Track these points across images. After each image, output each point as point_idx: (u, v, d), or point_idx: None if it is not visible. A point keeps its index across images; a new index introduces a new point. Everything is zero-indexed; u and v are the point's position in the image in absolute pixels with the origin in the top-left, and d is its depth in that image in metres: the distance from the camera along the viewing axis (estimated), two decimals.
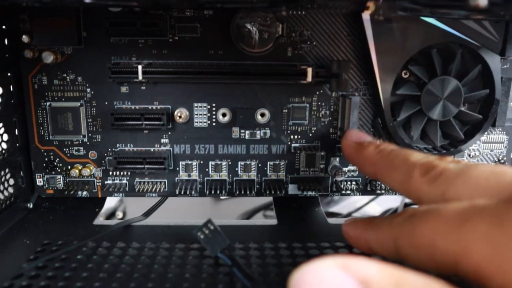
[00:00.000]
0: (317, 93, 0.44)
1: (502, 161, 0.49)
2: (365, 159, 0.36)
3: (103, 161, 0.45)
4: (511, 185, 0.24)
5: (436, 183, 0.27)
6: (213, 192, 0.45)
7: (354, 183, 0.47)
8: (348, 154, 0.39)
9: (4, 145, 0.41)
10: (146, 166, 0.44)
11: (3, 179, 0.41)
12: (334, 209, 0.66)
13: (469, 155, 0.48)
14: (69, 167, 0.45)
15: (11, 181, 0.43)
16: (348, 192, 0.47)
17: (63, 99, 0.43)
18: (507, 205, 0.19)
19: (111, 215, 0.65)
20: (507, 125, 0.46)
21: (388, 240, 0.26)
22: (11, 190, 0.42)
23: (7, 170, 0.42)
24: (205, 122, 0.44)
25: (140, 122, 0.42)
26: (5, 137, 0.41)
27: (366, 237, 0.29)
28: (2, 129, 0.41)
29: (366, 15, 0.41)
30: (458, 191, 0.25)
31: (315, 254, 0.37)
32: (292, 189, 0.47)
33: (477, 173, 0.25)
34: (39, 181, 0.46)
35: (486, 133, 0.47)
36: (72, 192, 0.45)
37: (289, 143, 0.46)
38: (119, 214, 0.65)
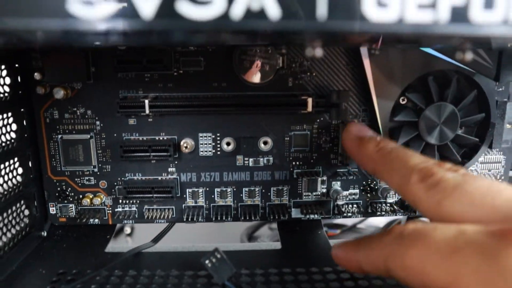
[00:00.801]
0: (318, 120, 0.46)
1: (500, 180, 0.50)
2: (365, 155, 0.36)
3: (113, 190, 0.47)
4: (503, 206, 0.24)
5: (433, 192, 0.27)
6: (219, 218, 0.47)
7: (355, 206, 0.49)
8: (349, 148, 0.39)
9: (19, 178, 0.43)
10: (155, 195, 0.45)
11: (18, 210, 0.43)
12: (338, 220, 0.67)
13: None
14: (81, 196, 0.47)
15: (26, 212, 0.45)
16: (350, 214, 0.48)
17: (74, 132, 0.45)
18: (498, 237, 0.20)
19: (119, 230, 0.66)
20: (503, 147, 0.48)
21: (379, 260, 0.26)
22: (26, 220, 0.44)
23: (22, 202, 0.44)
24: (210, 151, 0.46)
25: (148, 154, 0.44)
26: (20, 170, 0.43)
27: (356, 258, 0.29)
28: (17, 163, 0.43)
29: (363, 48, 0.42)
30: (453, 205, 0.26)
31: (318, 280, 0.38)
32: (295, 213, 0.48)
33: (474, 188, 0.26)
34: (52, 210, 0.48)
35: (483, 154, 0.48)
36: (84, 220, 0.47)
37: (291, 169, 0.47)
38: (127, 230, 0.67)
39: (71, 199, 0.47)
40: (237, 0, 0.17)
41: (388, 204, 0.49)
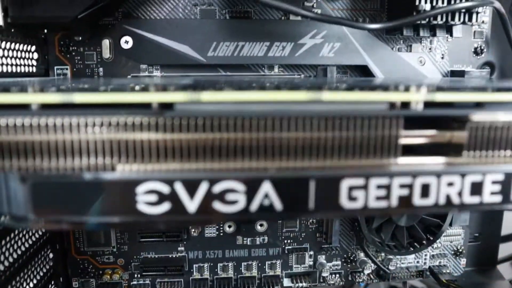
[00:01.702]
0: None
1: (460, 250, 0.59)
2: None
3: (129, 266, 0.54)
4: None
5: None
6: None
7: (337, 275, 0.57)
8: None
9: (50, 263, 0.50)
10: (167, 272, 0.53)
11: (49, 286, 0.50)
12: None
13: (432, 247, 0.58)
14: (101, 272, 0.54)
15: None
16: (332, 282, 0.57)
17: None
18: None
19: None
20: (462, 224, 0.56)
21: None
22: None
23: (52, 282, 0.51)
24: (214, 233, 0.54)
25: (161, 239, 0.52)
26: (51, 255, 0.51)
27: None
28: (49, 249, 0.50)
29: None
30: None
31: None
32: (286, 282, 0.56)
33: None
34: (75, 284, 0.55)
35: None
36: None
37: (283, 246, 0.55)
38: None
39: (92, 275, 0.55)
40: (253, 199, 0.25)
41: (366, 274, 0.57)
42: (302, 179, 0.26)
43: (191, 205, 0.26)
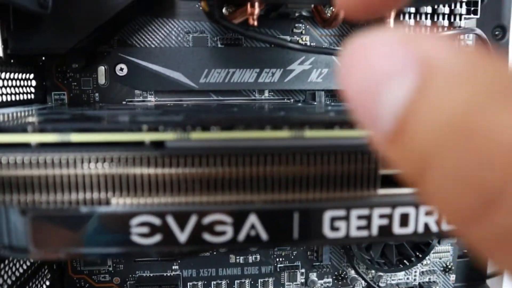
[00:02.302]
0: None
1: (449, 266, 0.61)
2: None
3: (125, 285, 0.56)
4: None
5: None
6: None
7: None
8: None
9: (48, 282, 0.51)
10: None
11: None
12: None
13: (421, 264, 0.60)
14: None
15: None
16: None
17: None
18: None
19: None
20: (450, 241, 0.58)
21: None
22: None
23: None
24: (208, 251, 0.55)
25: (156, 258, 0.53)
26: (48, 275, 0.52)
27: None
28: (47, 269, 0.51)
29: None
30: None
31: None
32: None
33: None
34: None
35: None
36: None
37: (275, 264, 0.57)
38: None
39: None
40: (240, 231, 0.27)
41: None
42: (287, 211, 0.27)
43: (182, 236, 0.27)
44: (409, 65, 0.11)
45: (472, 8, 0.47)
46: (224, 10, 0.41)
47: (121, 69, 0.48)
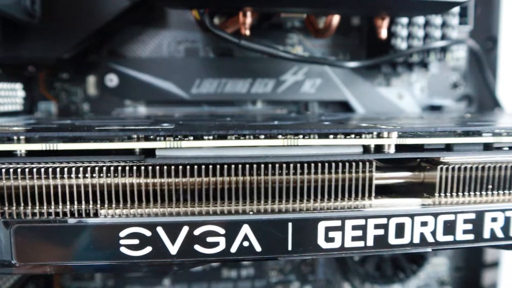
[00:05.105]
0: None
1: (446, 279, 0.60)
2: None
3: None
4: None
5: None
6: None
7: None
8: None
9: None
10: None
11: None
12: None
13: (417, 277, 0.59)
14: None
15: None
16: None
17: None
18: None
19: None
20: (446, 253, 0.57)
21: None
22: None
23: None
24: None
25: (147, 274, 0.52)
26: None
27: None
28: (33, 285, 0.50)
29: None
30: None
31: None
32: None
33: None
34: None
35: None
36: None
37: (269, 278, 0.56)
38: None
39: None
40: (233, 242, 0.26)
41: None
42: (281, 221, 0.27)
43: (173, 248, 0.26)
44: None
45: (465, 19, 0.47)
46: (216, 20, 0.41)
47: (111, 80, 0.47)
